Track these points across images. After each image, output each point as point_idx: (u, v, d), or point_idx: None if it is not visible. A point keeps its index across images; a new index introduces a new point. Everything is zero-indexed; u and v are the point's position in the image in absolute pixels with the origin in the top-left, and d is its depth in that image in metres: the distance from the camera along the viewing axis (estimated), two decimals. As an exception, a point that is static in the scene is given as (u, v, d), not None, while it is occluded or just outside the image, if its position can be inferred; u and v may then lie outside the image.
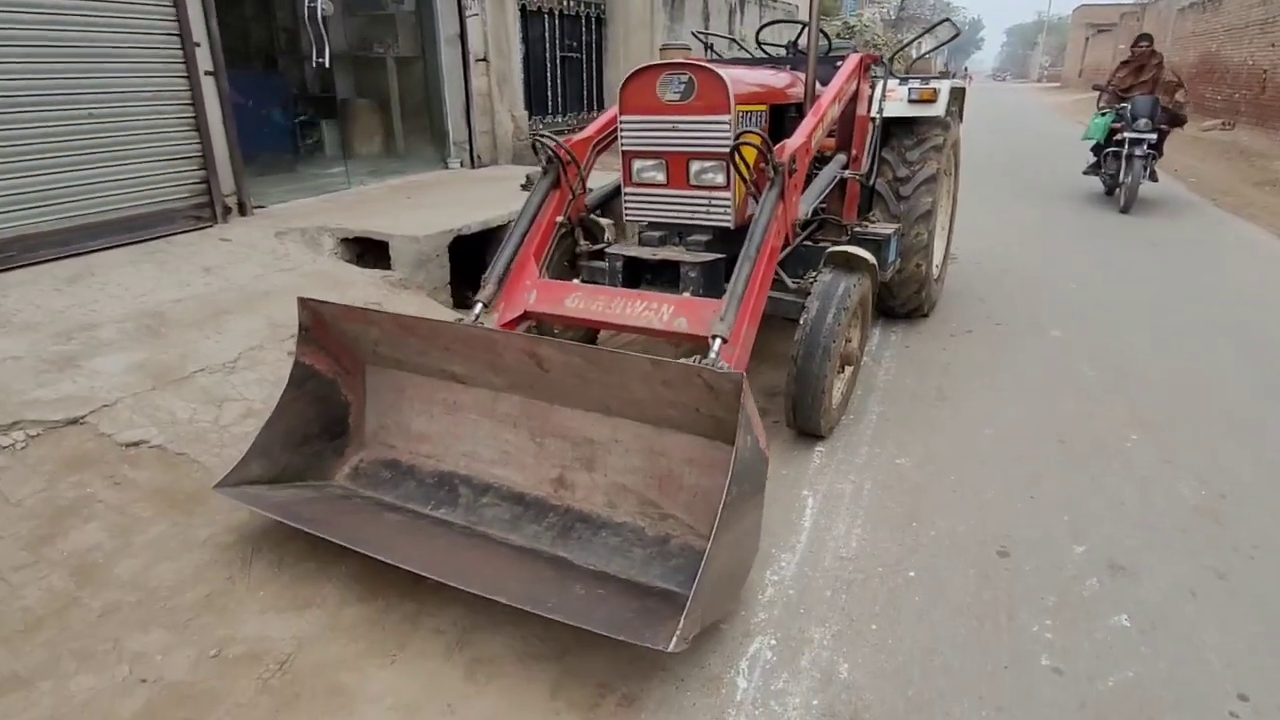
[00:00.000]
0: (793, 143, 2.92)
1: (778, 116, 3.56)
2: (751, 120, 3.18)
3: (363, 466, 2.71)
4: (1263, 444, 3.25)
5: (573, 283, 3.13)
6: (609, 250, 3.25)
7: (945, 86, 4.17)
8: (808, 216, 3.20)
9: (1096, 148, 8.71)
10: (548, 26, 7.88)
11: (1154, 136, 7.79)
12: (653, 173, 3.15)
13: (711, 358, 2.36)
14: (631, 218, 3.30)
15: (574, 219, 3.34)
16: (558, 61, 8.16)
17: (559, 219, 3.21)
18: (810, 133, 3.08)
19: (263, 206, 4.80)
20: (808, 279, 3.17)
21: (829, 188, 3.56)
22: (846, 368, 3.33)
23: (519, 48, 7.22)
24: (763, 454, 2.09)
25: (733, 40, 5.47)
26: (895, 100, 4.06)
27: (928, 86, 4.09)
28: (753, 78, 3.40)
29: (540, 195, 3.16)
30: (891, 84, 4.06)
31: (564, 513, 2.42)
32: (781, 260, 2.99)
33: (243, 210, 4.56)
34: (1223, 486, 2.92)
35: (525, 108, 7.44)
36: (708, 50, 4.99)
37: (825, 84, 3.53)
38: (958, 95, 4.52)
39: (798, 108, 3.54)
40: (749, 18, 12.76)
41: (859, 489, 2.90)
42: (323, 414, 2.66)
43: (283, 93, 7.11)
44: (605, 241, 3.47)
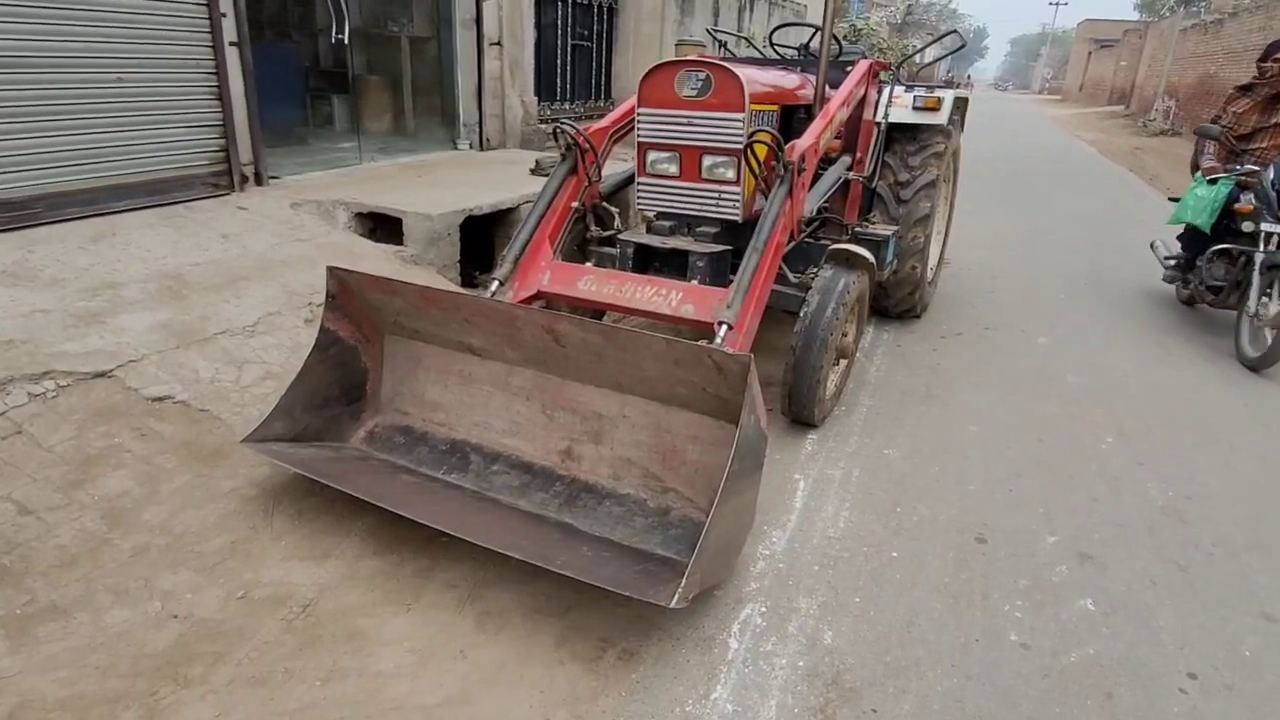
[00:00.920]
0: (802, 143, 3.04)
1: (786, 116, 3.68)
2: (763, 119, 3.31)
3: (378, 431, 2.83)
4: (1230, 453, 3.43)
5: (585, 265, 3.25)
6: (621, 237, 3.37)
7: (949, 96, 4.31)
8: (812, 214, 3.34)
9: (1190, 237, 5.08)
10: (561, 13, 7.94)
11: None
12: (666, 165, 3.27)
13: (717, 343, 2.50)
14: (644, 207, 3.43)
15: (588, 205, 3.46)
16: (569, 49, 8.23)
17: (574, 204, 3.34)
18: (819, 134, 3.21)
19: (277, 177, 4.88)
20: (809, 274, 3.31)
21: (833, 188, 3.70)
22: (841, 361, 3.47)
23: (532, 33, 7.30)
24: (763, 433, 2.23)
25: (743, 39, 5.58)
26: (900, 106, 4.19)
27: (932, 95, 4.23)
28: (766, 78, 3.52)
29: (558, 180, 3.28)
30: (897, 90, 4.19)
31: (570, 482, 2.55)
32: (784, 255, 3.13)
33: (259, 180, 4.65)
34: (1190, 490, 3.09)
35: (535, 93, 7.52)
36: (722, 48, 5.09)
37: (834, 87, 3.67)
38: (960, 105, 4.66)
39: (806, 109, 3.67)
40: (758, 15, 12.84)
41: (848, 475, 3.05)
42: (343, 379, 2.78)
43: (297, 65, 7.15)
44: (615, 228, 3.59)
